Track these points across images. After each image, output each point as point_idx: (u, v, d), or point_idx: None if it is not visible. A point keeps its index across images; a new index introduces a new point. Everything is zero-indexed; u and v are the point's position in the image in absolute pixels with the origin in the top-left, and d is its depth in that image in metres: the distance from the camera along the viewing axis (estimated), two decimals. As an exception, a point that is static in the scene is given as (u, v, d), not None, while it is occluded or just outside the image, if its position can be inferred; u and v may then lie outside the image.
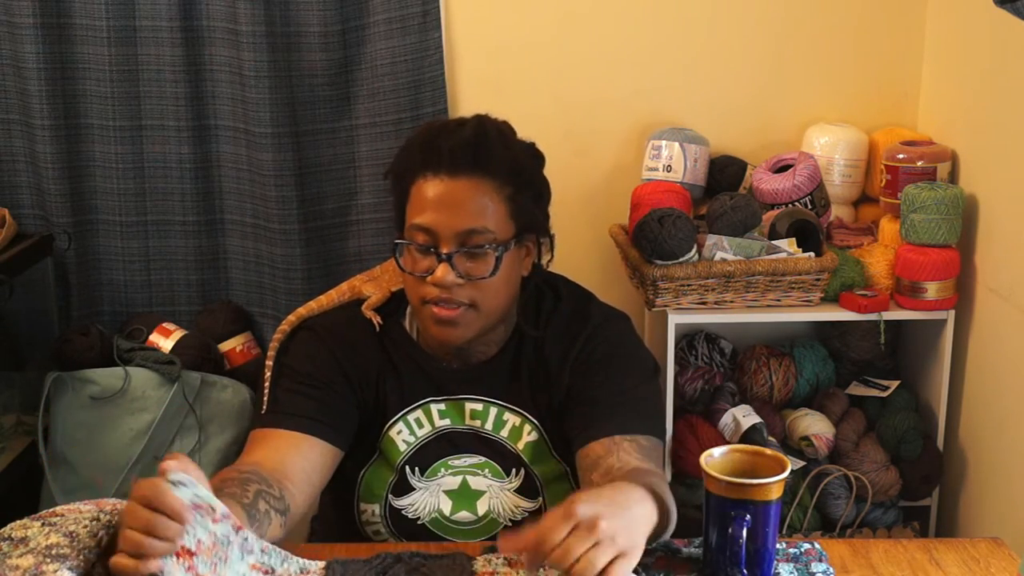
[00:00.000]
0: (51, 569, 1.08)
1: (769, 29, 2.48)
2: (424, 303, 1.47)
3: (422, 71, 2.40)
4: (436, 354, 1.56)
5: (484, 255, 1.45)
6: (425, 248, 1.45)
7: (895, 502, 2.35)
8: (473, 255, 1.44)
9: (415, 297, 1.48)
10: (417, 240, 1.45)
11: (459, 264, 1.44)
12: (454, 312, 1.45)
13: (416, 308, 1.50)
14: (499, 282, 1.47)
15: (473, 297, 1.45)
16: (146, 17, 2.37)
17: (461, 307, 1.45)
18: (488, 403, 1.56)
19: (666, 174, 2.40)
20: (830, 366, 2.45)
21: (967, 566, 1.33)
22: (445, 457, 1.56)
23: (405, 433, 1.56)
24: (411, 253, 1.47)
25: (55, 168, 2.40)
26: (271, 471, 1.37)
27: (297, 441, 1.45)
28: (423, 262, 1.46)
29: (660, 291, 2.22)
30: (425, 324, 1.50)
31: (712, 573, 1.27)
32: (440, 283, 1.43)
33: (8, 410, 2.40)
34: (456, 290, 1.44)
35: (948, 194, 2.20)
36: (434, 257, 1.44)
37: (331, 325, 1.58)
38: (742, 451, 1.29)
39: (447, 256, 1.43)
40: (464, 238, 1.44)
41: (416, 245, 1.45)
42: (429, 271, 1.45)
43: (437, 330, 1.47)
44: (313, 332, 1.57)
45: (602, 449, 1.44)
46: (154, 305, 2.51)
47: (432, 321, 1.47)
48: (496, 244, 1.45)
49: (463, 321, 1.46)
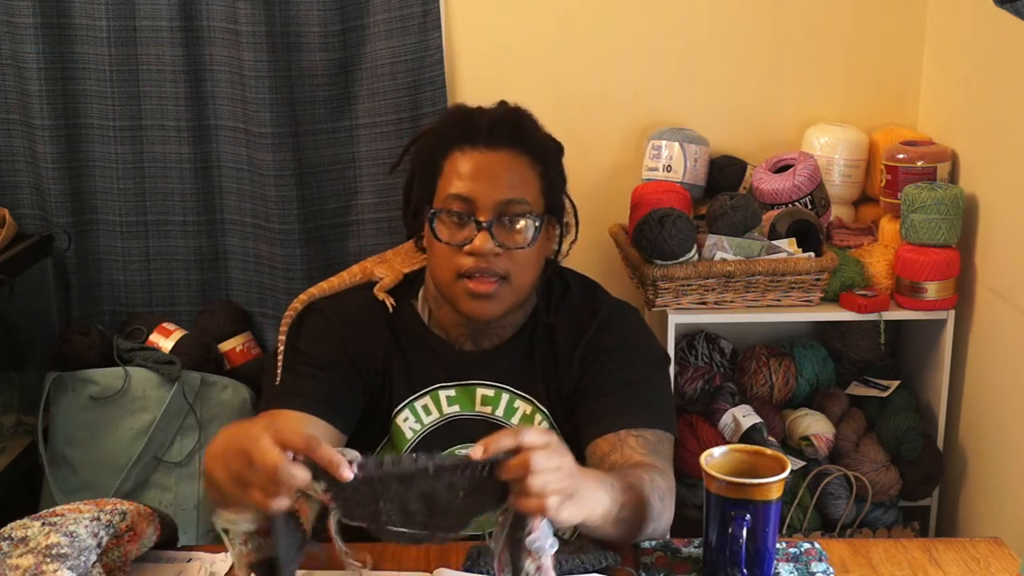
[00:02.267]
0: (51, 569, 1.08)
1: (769, 29, 2.48)
2: (459, 277, 1.46)
3: (422, 71, 2.40)
4: (448, 337, 1.56)
5: (522, 225, 1.46)
6: (463, 217, 1.46)
7: (895, 502, 2.35)
8: (512, 224, 1.46)
9: (449, 271, 1.47)
10: (454, 207, 1.46)
11: (498, 234, 1.45)
12: (491, 285, 1.46)
13: (447, 283, 1.49)
14: (532, 255, 1.49)
15: (508, 269, 1.46)
16: (146, 17, 2.37)
17: (496, 281, 1.46)
18: (500, 389, 1.55)
19: (666, 174, 2.40)
20: (830, 366, 2.45)
21: (967, 566, 1.33)
22: (452, 446, 1.55)
23: (411, 420, 1.55)
24: (447, 223, 1.47)
25: (55, 168, 2.40)
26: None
27: (304, 422, 1.44)
28: (461, 232, 1.46)
29: (660, 291, 2.22)
30: (457, 299, 1.49)
31: (712, 573, 1.27)
32: (479, 251, 1.44)
33: (8, 410, 2.39)
34: (493, 260, 1.45)
35: (948, 194, 2.20)
36: (472, 226, 1.45)
37: (341, 307, 1.58)
38: (742, 451, 1.29)
39: (487, 224, 1.44)
40: (503, 207, 1.45)
41: (453, 214, 1.46)
42: (467, 240, 1.45)
43: (471, 305, 1.47)
44: (322, 315, 1.57)
45: (607, 445, 1.44)
46: (154, 305, 2.51)
47: (467, 295, 1.47)
48: (533, 215, 1.47)
49: (497, 295, 1.47)
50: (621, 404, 1.48)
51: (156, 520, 1.28)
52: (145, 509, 1.27)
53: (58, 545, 1.12)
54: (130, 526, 1.23)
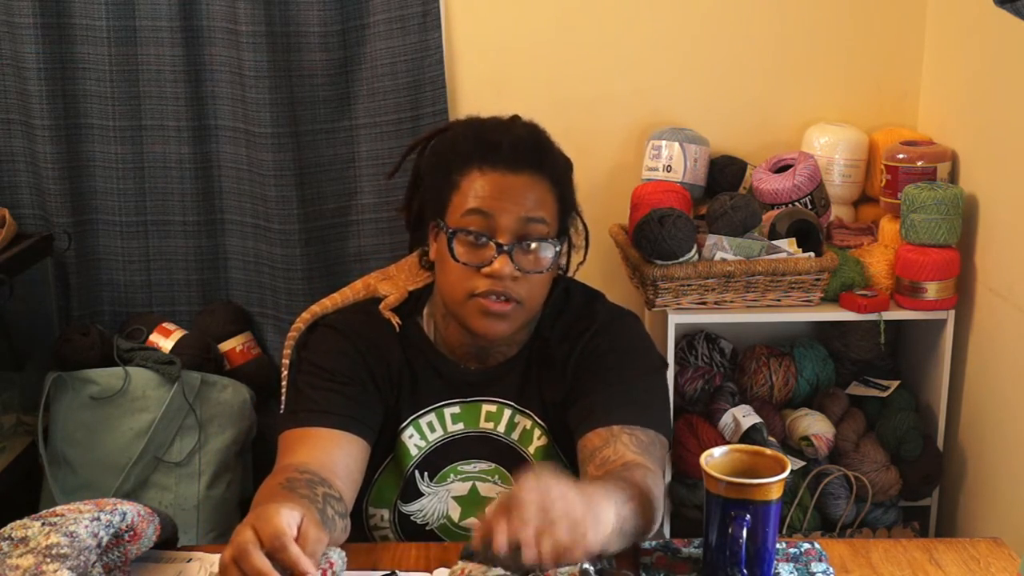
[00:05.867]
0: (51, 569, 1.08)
1: (769, 29, 2.48)
2: (473, 296, 1.44)
3: (422, 71, 2.40)
4: (454, 356, 1.55)
5: (542, 249, 1.45)
6: (480, 236, 1.43)
7: (895, 502, 2.35)
8: (531, 248, 1.44)
9: (462, 290, 1.45)
10: (472, 227, 1.44)
11: (517, 258, 1.43)
12: (507, 306, 1.44)
13: (459, 301, 1.47)
14: (546, 278, 1.48)
15: (524, 293, 1.45)
16: (146, 17, 2.37)
17: (512, 303, 1.44)
18: (502, 404, 1.55)
19: (666, 174, 2.40)
20: (830, 366, 2.45)
21: (967, 566, 1.33)
22: (455, 462, 1.55)
23: (416, 437, 1.54)
24: (464, 242, 1.45)
25: (55, 168, 2.40)
26: (322, 471, 1.35)
27: (338, 439, 1.43)
28: (479, 253, 1.44)
29: (660, 291, 2.22)
30: (468, 317, 1.46)
31: (712, 573, 1.27)
32: (498, 275, 1.42)
33: (8, 410, 2.39)
34: (511, 284, 1.43)
35: (948, 194, 2.20)
36: (491, 247, 1.43)
37: (352, 323, 1.56)
38: (742, 451, 1.29)
39: (508, 248, 1.42)
40: (523, 227, 1.43)
41: (471, 233, 1.44)
42: (485, 262, 1.43)
43: (484, 324, 1.45)
44: (334, 329, 1.55)
45: (599, 440, 1.42)
46: (154, 305, 2.51)
47: (481, 314, 1.45)
48: (552, 238, 1.46)
49: (511, 316, 1.46)
50: (614, 400, 1.46)
51: (156, 520, 1.28)
52: (145, 509, 1.27)
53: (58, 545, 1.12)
54: (130, 526, 1.23)
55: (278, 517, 1.09)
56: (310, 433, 1.43)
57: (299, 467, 1.34)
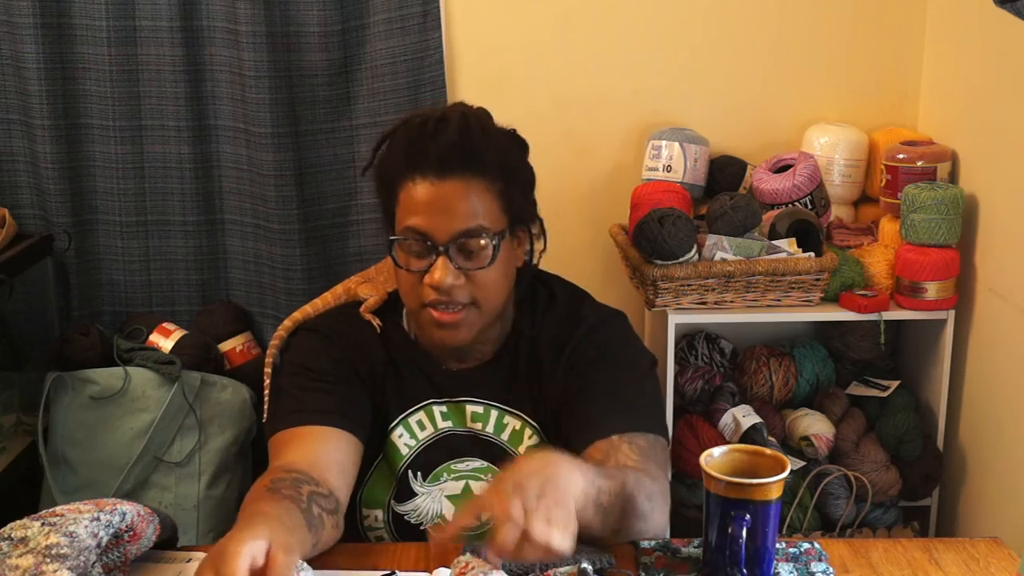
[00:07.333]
0: (51, 569, 1.08)
1: (769, 29, 2.48)
2: (423, 306, 1.45)
3: (422, 71, 2.40)
4: (435, 356, 1.55)
5: (480, 247, 1.42)
6: (421, 246, 1.42)
7: (895, 502, 2.35)
8: (469, 249, 1.42)
9: (414, 300, 1.46)
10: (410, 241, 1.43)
11: (456, 258, 1.42)
12: (456, 316, 1.44)
13: (414, 310, 1.48)
14: (497, 275, 1.45)
15: (473, 295, 1.44)
16: (146, 17, 2.37)
17: (461, 309, 1.44)
18: (488, 406, 1.54)
19: (666, 174, 2.40)
20: (830, 366, 2.45)
21: (967, 566, 1.32)
22: (447, 461, 1.55)
23: (406, 436, 1.54)
24: (406, 250, 1.44)
25: (55, 168, 2.40)
26: (313, 469, 1.35)
27: (328, 436, 1.42)
28: (420, 261, 1.43)
29: (660, 291, 2.22)
30: (426, 328, 1.48)
31: (712, 573, 1.27)
32: (439, 285, 1.41)
33: (8, 410, 2.40)
34: (455, 291, 1.42)
35: (948, 194, 2.20)
36: (431, 256, 1.42)
37: (333, 325, 1.56)
38: (742, 451, 1.29)
39: (444, 249, 1.41)
40: (460, 236, 1.41)
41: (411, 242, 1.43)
42: (426, 268, 1.42)
43: (439, 334, 1.46)
44: (317, 332, 1.56)
45: (599, 453, 1.42)
46: (154, 305, 2.51)
47: (434, 325, 1.45)
48: (492, 235, 1.43)
49: (465, 322, 1.45)
50: (610, 409, 1.46)
51: (156, 520, 1.28)
52: (145, 509, 1.26)
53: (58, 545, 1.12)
54: (130, 526, 1.22)
55: (236, 560, 1.06)
56: (299, 432, 1.43)
57: (286, 467, 1.34)
